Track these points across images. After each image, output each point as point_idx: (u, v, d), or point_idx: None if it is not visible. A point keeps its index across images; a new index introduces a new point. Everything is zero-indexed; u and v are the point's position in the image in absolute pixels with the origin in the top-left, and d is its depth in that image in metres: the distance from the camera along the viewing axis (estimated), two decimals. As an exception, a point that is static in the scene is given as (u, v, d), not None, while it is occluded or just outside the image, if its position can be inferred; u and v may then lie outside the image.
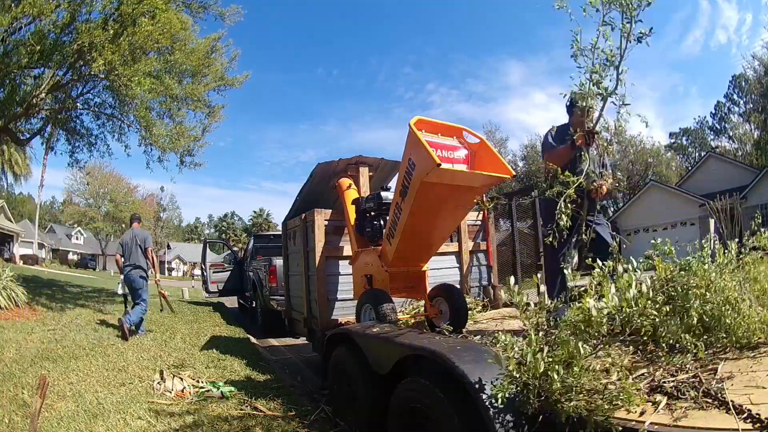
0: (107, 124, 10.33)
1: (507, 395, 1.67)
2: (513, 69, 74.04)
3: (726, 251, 2.10)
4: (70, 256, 43.40)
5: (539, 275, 3.91)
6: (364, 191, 4.31)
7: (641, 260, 2.03)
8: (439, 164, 2.74)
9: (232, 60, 10.40)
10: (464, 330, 3.34)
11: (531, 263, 5.17)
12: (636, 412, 1.54)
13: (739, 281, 1.99)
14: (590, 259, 2.15)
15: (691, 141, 38.38)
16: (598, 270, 1.86)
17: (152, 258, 6.41)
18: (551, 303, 2.77)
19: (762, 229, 2.31)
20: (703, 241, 2.10)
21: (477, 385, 1.75)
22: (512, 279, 2.10)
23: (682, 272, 2.04)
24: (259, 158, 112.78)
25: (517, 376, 1.71)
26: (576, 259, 3.11)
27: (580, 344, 1.62)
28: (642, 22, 2.06)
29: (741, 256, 2.19)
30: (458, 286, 4.45)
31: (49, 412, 3.11)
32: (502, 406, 1.69)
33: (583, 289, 2.01)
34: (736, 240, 2.20)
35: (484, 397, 1.71)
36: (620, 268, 1.83)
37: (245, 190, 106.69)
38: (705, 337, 1.87)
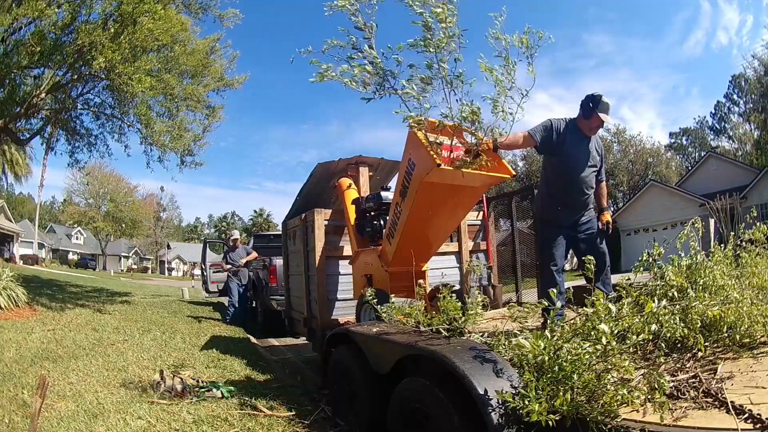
0: (107, 125, 10.33)
1: (508, 395, 1.67)
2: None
3: (723, 247, 2.11)
4: (70, 256, 43.39)
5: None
6: (364, 191, 4.31)
7: (637, 263, 2.03)
8: (439, 164, 2.74)
9: (231, 61, 10.40)
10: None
11: (531, 263, 5.16)
12: (636, 412, 1.54)
13: (736, 276, 1.99)
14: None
15: (691, 141, 38.39)
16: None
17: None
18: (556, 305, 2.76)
19: (758, 223, 2.32)
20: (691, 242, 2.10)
21: (478, 386, 1.75)
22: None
23: (678, 270, 2.04)
24: (261, 158, 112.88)
25: (519, 376, 1.70)
26: (576, 259, 3.09)
27: (588, 348, 1.62)
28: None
29: (737, 251, 2.19)
30: (458, 286, 4.45)
31: (49, 412, 3.11)
32: (502, 407, 1.69)
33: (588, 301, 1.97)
34: (733, 234, 2.20)
35: (485, 397, 1.71)
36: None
37: (246, 190, 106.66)
38: (707, 336, 1.87)
